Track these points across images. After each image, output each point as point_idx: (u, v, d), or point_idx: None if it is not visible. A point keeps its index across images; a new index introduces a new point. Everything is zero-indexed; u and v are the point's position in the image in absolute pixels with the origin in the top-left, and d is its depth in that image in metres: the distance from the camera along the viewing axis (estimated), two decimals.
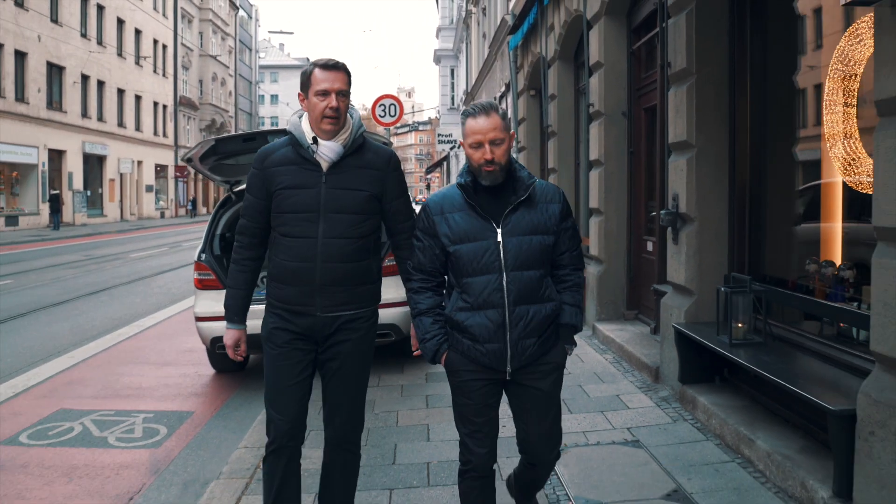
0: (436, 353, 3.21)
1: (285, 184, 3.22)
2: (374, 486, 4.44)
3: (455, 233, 3.10)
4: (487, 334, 3.07)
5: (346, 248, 3.22)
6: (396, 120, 16.08)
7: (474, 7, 27.97)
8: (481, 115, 3.05)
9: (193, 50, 59.83)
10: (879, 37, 3.39)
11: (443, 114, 45.58)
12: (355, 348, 3.34)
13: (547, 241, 3.12)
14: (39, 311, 11.71)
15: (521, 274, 3.05)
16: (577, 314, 3.22)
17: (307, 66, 3.26)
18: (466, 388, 3.19)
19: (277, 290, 3.31)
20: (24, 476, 5.00)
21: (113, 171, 45.82)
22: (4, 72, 34.03)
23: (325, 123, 3.17)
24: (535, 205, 3.12)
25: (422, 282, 3.23)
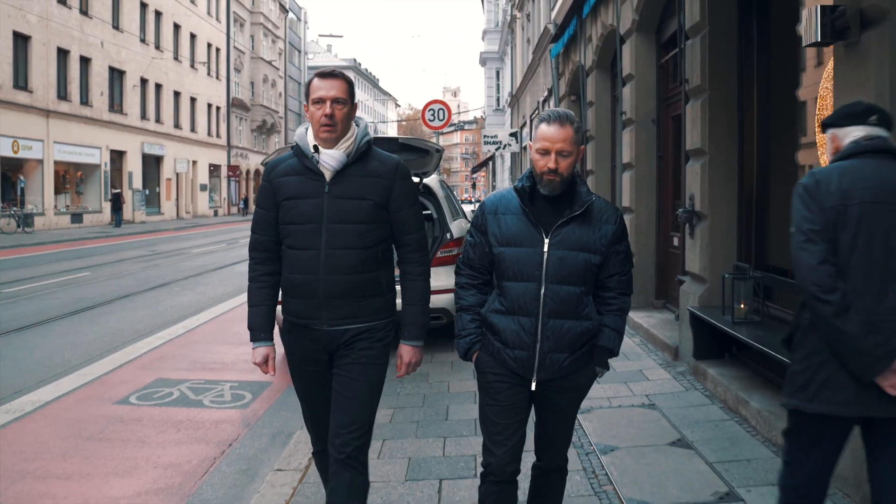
0: (467, 350, 3.22)
1: (289, 194, 3.19)
2: (430, 436, 5.41)
3: (503, 235, 3.08)
4: (517, 340, 3.05)
5: (350, 260, 3.14)
6: (445, 124, 17.07)
7: (518, 12, 28.88)
8: (555, 124, 2.98)
9: (245, 53, 61.51)
10: (837, 68, 4.26)
11: (488, 115, 46.57)
12: (366, 363, 3.24)
13: (593, 259, 3.03)
14: (122, 299, 12.91)
15: (561, 288, 3.00)
16: (615, 338, 3.13)
17: (310, 76, 3.46)
18: (493, 388, 3.17)
19: (287, 303, 3.30)
20: (141, 427, 6.05)
21: (169, 171, 47.56)
22: (70, 76, 35.78)
23: (321, 131, 3.12)
24: (589, 222, 3.04)
25: (469, 277, 3.24)
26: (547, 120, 3.01)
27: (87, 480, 4.93)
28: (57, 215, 35.08)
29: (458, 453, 5.03)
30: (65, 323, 10.56)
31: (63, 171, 36.54)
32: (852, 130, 3.00)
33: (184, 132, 49.38)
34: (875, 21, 3.87)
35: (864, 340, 2.68)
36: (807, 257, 2.79)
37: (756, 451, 4.92)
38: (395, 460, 4.95)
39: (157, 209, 46.13)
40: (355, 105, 3.23)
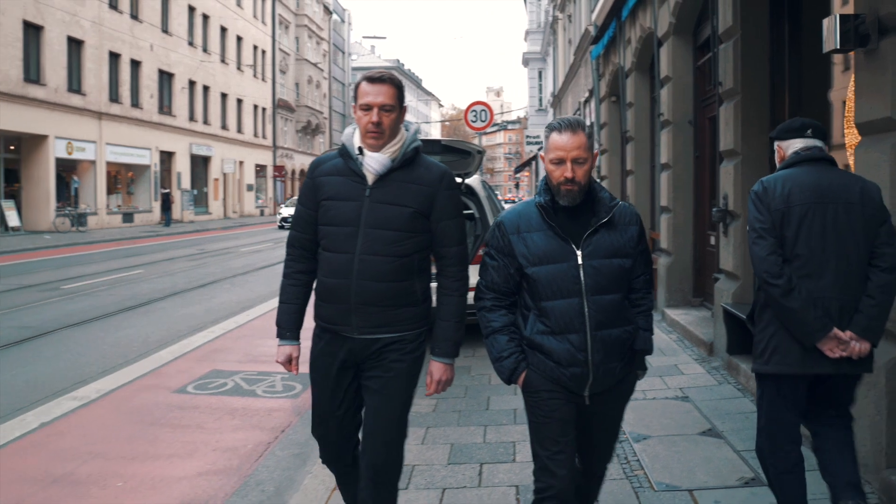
0: (513, 371, 3.08)
1: (329, 194, 3.13)
2: (471, 424, 5.70)
3: (533, 254, 3.00)
4: (570, 358, 2.97)
5: (384, 267, 3.06)
6: (487, 125, 17.36)
7: (560, 13, 29.05)
8: (567, 132, 2.94)
9: (290, 54, 62.36)
10: (858, 74, 4.47)
11: (531, 115, 46.73)
12: (397, 375, 3.17)
13: (626, 264, 3.03)
14: (174, 295, 13.41)
15: (602, 298, 2.96)
16: (649, 339, 3.15)
17: (359, 78, 3.21)
18: (548, 406, 3.07)
19: (319, 307, 3.22)
20: (199, 413, 6.43)
21: (217, 171, 48.48)
22: (121, 79, 36.75)
23: (367, 137, 3.07)
24: (615, 227, 3.02)
25: (494, 300, 3.13)
26: (558, 128, 2.96)
27: (151, 462, 5.31)
28: (109, 215, 36.05)
29: (497, 440, 5.32)
30: (122, 317, 11.05)
31: (115, 171, 37.56)
32: (793, 142, 3.60)
33: (230, 133, 50.28)
34: (893, 28, 4.08)
35: (805, 314, 3.27)
36: (758, 250, 3.35)
37: None
38: (437, 446, 5.25)
39: (204, 209, 47.09)
40: (405, 109, 3.16)
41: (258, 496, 4.71)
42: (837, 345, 3.30)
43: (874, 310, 3.29)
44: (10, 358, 8.38)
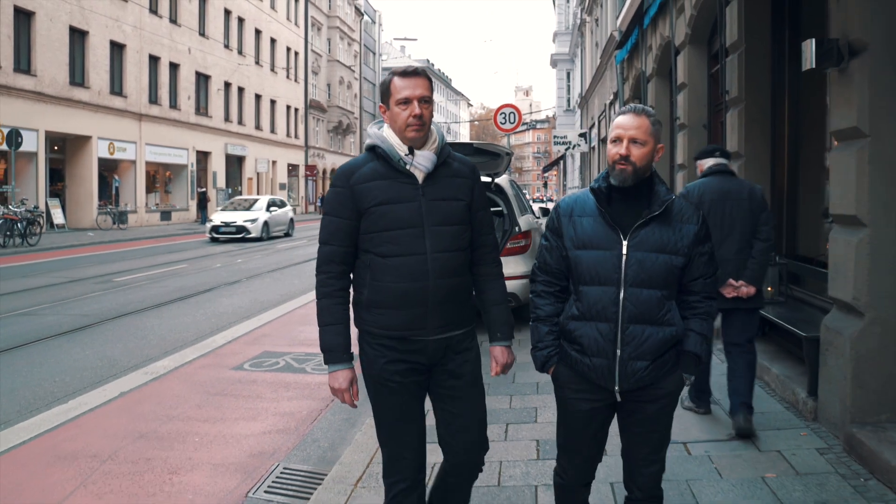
0: (545, 363, 3.11)
1: (379, 199, 2.99)
2: (498, 394, 6.45)
3: (579, 237, 2.98)
4: (596, 347, 2.94)
5: (454, 262, 3.05)
6: (515, 126, 18.14)
7: (588, 16, 29.73)
8: (630, 113, 2.95)
9: (322, 56, 63.46)
10: (831, 89, 5.18)
11: (559, 116, 47.44)
12: (472, 373, 3.17)
13: (674, 261, 2.91)
14: (219, 287, 14.31)
15: (641, 291, 2.89)
16: (702, 343, 3.00)
17: (386, 76, 3.14)
18: (570, 405, 3.10)
19: (380, 317, 3.04)
20: (257, 386, 7.25)
21: (251, 171, 49.62)
22: (160, 82, 37.95)
23: (409, 131, 2.99)
24: (669, 222, 2.93)
25: (545, 284, 3.12)
26: (623, 111, 2.98)
27: (220, 423, 6.12)
28: (148, 213, 37.25)
29: (521, 406, 6.09)
30: (174, 307, 11.94)
31: (153, 171, 38.77)
32: (707, 161, 5.58)
33: (264, 133, 51.40)
34: (860, 51, 4.78)
35: None
36: None
37: (771, 406, 5.86)
38: None
39: None
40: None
41: (315, 450, 5.51)
42: (733, 289, 5.23)
43: (756, 265, 5.23)
44: (80, 340, 9.26)
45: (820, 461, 4.68)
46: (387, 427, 3.13)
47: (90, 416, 6.31)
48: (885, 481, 4.23)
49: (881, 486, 4.25)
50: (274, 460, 5.31)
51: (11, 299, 12.54)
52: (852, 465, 4.59)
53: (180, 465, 5.18)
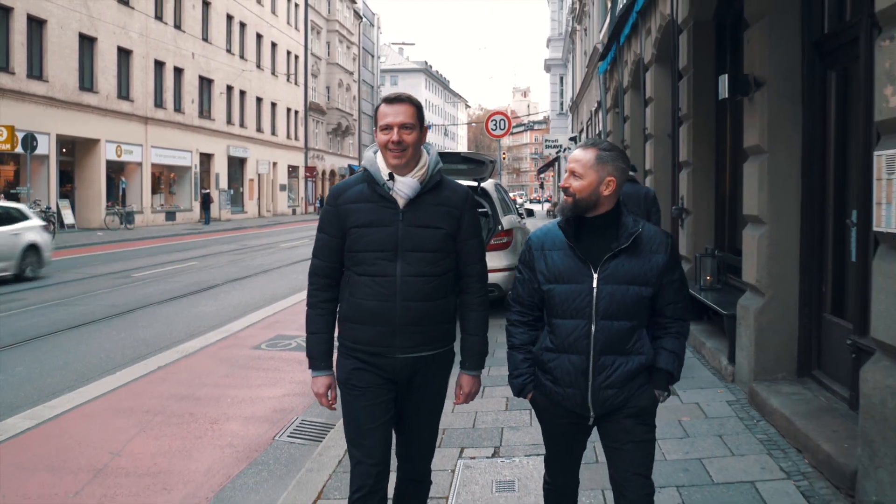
0: (521, 390, 3.19)
1: (361, 222, 3.11)
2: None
3: (551, 272, 3.01)
4: (569, 379, 2.99)
5: (425, 287, 3.11)
6: (506, 133, 19.39)
7: (578, 25, 30.99)
8: (580, 147, 3.03)
9: (321, 59, 64.71)
10: (744, 114, 6.41)
11: (552, 119, 48.75)
12: (435, 386, 3.31)
13: (644, 292, 2.94)
14: (231, 282, 15.55)
15: (612, 324, 2.92)
16: (673, 361, 3.03)
17: (379, 101, 3.22)
18: (549, 429, 3.23)
19: (353, 331, 3.16)
20: (275, 361, 8.47)
21: (252, 172, 50.85)
22: (165, 86, 39.17)
23: (390, 157, 3.08)
24: (638, 254, 2.94)
25: (519, 314, 3.18)
26: (578, 144, 3.05)
27: (247, 389, 7.35)
28: (153, 213, 38.47)
29: (497, 374, 7.30)
30: (192, 298, 13.18)
31: (158, 172, 39.99)
32: None
33: (265, 135, 52.63)
34: (762, 84, 6.01)
35: None
36: None
37: (701, 372, 7.11)
38: None
39: (240, 208, 49.48)
40: (425, 130, 3.19)
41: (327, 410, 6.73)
42: None
43: None
44: (114, 325, 10.50)
45: (727, 409, 5.93)
46: (350, 433, 3.19)
47: (137, 383, 7.53)
48: (771, 421, 5.46)
49: (767, 424, 5.48)
50: (294, 415, 6.54)
51: (42, 292, 13.80)
52: (751, 411, 5.83)
53: (218, 417, 6.41)
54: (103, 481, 5.01)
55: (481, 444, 5.35)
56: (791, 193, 5.95)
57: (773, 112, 5.94)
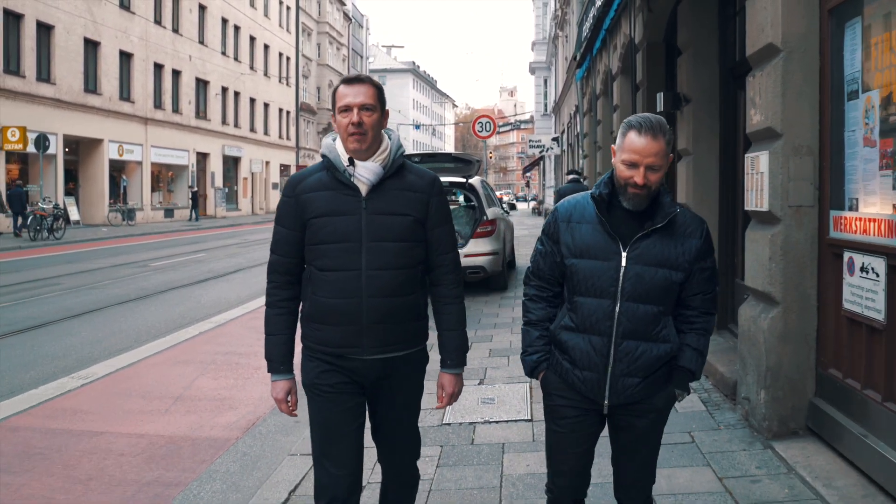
0: (534, 369, 2.99)
1: (320, 211, 2.90)
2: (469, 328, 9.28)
3: (577, 245, 2.82)
4: (587, 361, 2.81)
5: (394, 281, 2.89)
6: (491, 134, 21.05)
7: (560, 31, 32.67)
8: (647, 135, 2.67)
9: (312, 60, 66.22)
10: (678, 123, 8.07)
11: (537, 119, 50.42)
12: (409, 393, 3.13)
13: (674, 276, 2.76)
14: (240, 271, 17.17)
15: (637, 306, 2.74)
16: (697, 359, 2.88)
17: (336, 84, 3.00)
18: (558, 413, 2.97)
19: (317, 331, 2.96)
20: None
21: (246, 171, 52.37)
22: (164, 88, 40.66)
23: (350, 141, 2.86)
24: (672, 235, 2.76)
25: (538, 289, 3.00)
26: (638, 129, 2.70)
27: None
28: (153, 210, 39.96)
29: (482, 334, 8.92)
30: (209, 283, 14.79)
31: (157, 171, 41.46)
32: (570, 176, 9.94)
33: (258, 135, 54.13)
34: (689, 100, 7.67)
35: None
36: None
37: None
38: None
39: (234, 205, 50.97)
40: (386, 112, 2.98)
41: None
42: None
43: None
44: (149, 304, 12.10)
45: None
46: (318, 440, 3.02)
47: (185, 344, 9.14)
48: (715, 382, 6.64)
49: (716, 391, 6.49)
50: None
51: (75, 278, 15.37)
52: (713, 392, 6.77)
53: (259, 365, 7.98)
54: (183, 403, 6.63)
55: (469, 377, 6.95)
56: (711, 185, 7.61)
57: (696, 123, 7.60)
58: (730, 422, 5.43)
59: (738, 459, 4.71)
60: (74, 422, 6.12)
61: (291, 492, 4.51)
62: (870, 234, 4.24)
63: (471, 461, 4.91)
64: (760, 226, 5.27)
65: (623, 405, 2.87)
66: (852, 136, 4.51)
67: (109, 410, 6.43)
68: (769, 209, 5.01)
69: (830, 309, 4.77)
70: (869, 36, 4.34)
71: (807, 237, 4.90)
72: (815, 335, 4.92)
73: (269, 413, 6.23)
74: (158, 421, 6.16)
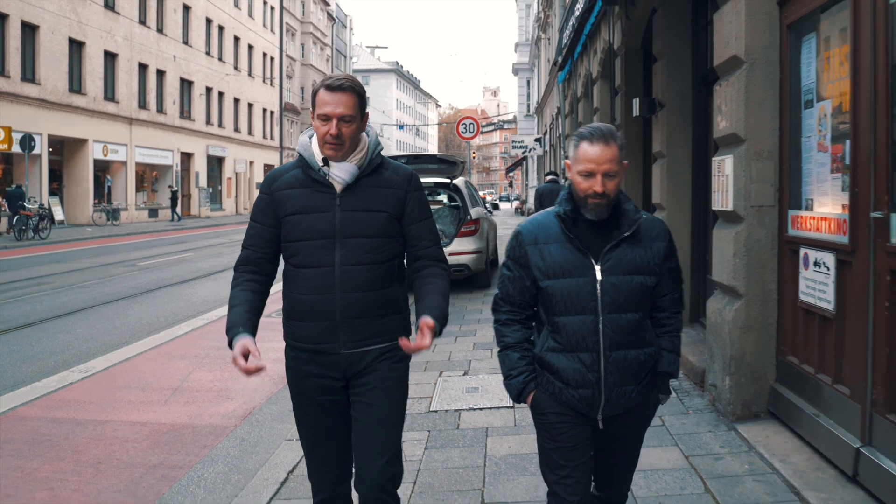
0: (521, 391, 2.93)
1: (295, 208, 2.92)
2: (454, 323, 9.64)
3: (549, 266, 2.81)
4: (580, 379, 2.80)
5: (368, 276, 2.90)
6: (474, 135, 21.41)
7: (543, 34, 33.09)
8: (599, 143, 2.71)
9: (296, 60, 66.38)
10: (653, 126, 8.46)
11: (520, 120, 50.88)
12: (390, 386, 3.01)
13: (648, 281, 2.81)
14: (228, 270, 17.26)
15: (620, 316, 2.76)
16: (675, 361, 2.94)
17: (315, 84, 2.94)
18: (554, 430, 2.91)
19: (295, 328, 3.01)
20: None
21: (230, 171, 52.50)
22: (148, 88, 40.76)
23: (326, 149, 2.87)
24: (639, 241, 2.80)
25: (510, 314, 2.96)
26: (590, 139, 2.75)
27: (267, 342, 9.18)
28: (137, 210, 40.05)
29: (466, 329, 9.26)
30: (201, 281, 15.10)
31: (141, 171, 41.56)
32: (549, 176, 10.55)
33: (242, 135, 54.25)
34: (662, 106, 8.06)
35: None
36: None
37: None
38: None
39: (219, 205, 51.12)
40: (366, 116, 2.98)
41: None
42: None
43: None
44: (141, 302, 12.38)
45: None
46: (304, 439, 3.10)
47: (179, 339, 9.45)
48: (685, 371, 6.99)
49: (686, 379, 6.87)
50: None
51: (60, 278, 15.61)
52: (683, 380, 7.07)
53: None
54: (182, 394, 6.95)
55: (454, 369, 7.33)
56: (684, 187, 8.00)
57: (670, 127, 7.99)
58: (698, 407, 5.83)
59: (704, 440, 5.10)
60: (79, 411, 6.43)
61: (290, 472, 4.85)
62: (822, 231, 4.63)
63: (457, 444, 5.26)
64: (726, 224, 5.65)
65: (615, 416, 2.89)
66: (808, 141, 4.90)
67: (111, 401, 6.74)
68: (733, 209, 5.39)
69: (789, 301, 5.16)
70: (823, 50, 4.73)
71: (767, 235, 5.29)
72: (776, 325, 5.31)
73: (265, 402, 6.57)
74: (159, 410, 6.48)
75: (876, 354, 4.01)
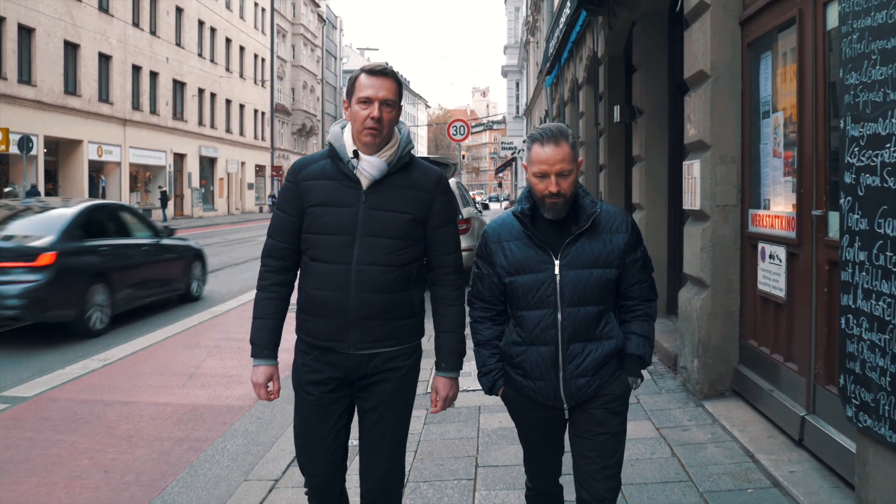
0: (492, 387, 3.06)
1: (319, 200, 2.87)
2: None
3: (511, 263, 2.88)
4: (539, 371, 2.89)
5: (384, 277, 2.84)
6: (465, 137, 22.05)
7: (532, 37, 33.72)
8: (549, 144, 2.77)
9: (287, 62, 66.79)
10: (633, 132, 9.08)
11: (509, 122, 51.51)
12: (396, 389, 2.98)
13: (608, 274, 2.84)
14: (227, 267, 18.01)
15: (578, 310, 2.82)
16: (644, 345, 2.95)
17: (356, 71, 2.92)
18: (523, 424, 3.11)
19: (306, 322, 2.96)
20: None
21: (222, 171, 52.86)
22: (142, 89, 41.14)
23: (364, 135, 2.80)
24: (598, 235, 2.84)
25: (482, 310, 3.05)
26: (540, 140, 2.81)
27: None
28: None
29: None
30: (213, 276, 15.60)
31: (135, 172, 41.86)
32: None
33: (234, 136, 54.61)
34: (642, 113, 8.68)
35: None
36: None
37: None
38: None
39: (211, 205, 51.46)
40: (401, 108, 2.91)
41: None
42: None
43: None
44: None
45: None
46: (297, 436, 3.09)
47: (189, 332, 10.04)
48: (660, 357, 7.56)
49: (661, 364, 7.47)
50: None
51: None
52: (658, 365, 7.62)
53: None
54: (197, 380, 7.52)
55: None
56: (661, 188, 8.62)
57: (649, 133, 8.61)
58: (670, 387, 6.46)
59: (674, 415, 5.72)
60: (105, 394, 7.01)
61: None
62: (776, 227, 5.26)
63: (452, 420, 5.85)
64: (694, 222, 6.27)
65: (580, 404, 2.93)
66: (765, 148, 5.53)
67: (133, 385, 7.31)
68: (701, 208, 6.01)
69: (749, 290, 5.78)
70: (778, 66, 5.35)
71: (731, 231, 5.91)
72: (738, 312, 5.94)
73: None
74: (178, 393, 7.06)
75: (818, 333, 4.63)
